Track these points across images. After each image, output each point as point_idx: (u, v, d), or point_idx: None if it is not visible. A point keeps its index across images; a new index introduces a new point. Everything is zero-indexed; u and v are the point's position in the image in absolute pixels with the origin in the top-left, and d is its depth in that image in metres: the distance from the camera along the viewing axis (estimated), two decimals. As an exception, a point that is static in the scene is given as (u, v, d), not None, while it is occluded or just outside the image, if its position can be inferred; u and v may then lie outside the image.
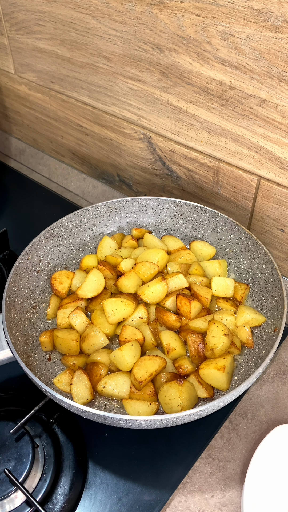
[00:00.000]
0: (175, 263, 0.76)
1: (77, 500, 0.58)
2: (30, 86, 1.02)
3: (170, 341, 0.66)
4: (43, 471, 0.58)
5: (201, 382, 0.63)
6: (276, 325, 0.64)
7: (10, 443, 0.59)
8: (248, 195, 0.76)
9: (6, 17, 0.94)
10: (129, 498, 0.58)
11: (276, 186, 0.70)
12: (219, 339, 0.64)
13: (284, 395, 0.69)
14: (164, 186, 0.90)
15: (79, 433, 0.64)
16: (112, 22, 0.75)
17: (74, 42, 0.84)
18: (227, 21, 0.61)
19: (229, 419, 0.66)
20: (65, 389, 0.64)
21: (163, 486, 0.59)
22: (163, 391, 0.61)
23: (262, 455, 0.58)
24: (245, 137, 0.69)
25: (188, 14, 0.64)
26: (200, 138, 0.76)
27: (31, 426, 0.62)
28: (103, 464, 0.62)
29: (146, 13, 0.69)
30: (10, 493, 0.55)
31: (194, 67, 0.68)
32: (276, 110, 0.63)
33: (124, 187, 0.99)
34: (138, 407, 0.60)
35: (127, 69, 0.78)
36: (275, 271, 0.69)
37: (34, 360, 0.66)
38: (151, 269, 0.73)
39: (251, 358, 0.66)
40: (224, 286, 0.72)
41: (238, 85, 0.65)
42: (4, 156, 1.25)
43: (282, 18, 0.56)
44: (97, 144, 0.97)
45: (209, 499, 0.59)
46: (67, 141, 1.05)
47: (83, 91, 0.90)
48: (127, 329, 0.67)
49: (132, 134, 0.87)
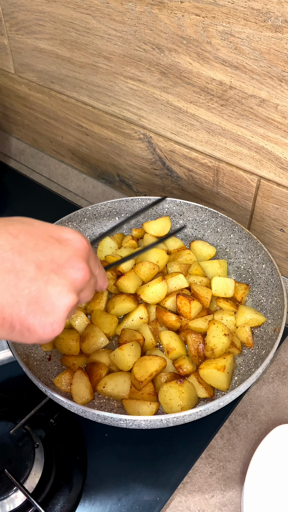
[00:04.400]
0: (175, 263, 0.76)
1: (77, 500, 0.58)
2: (30, 86, 1.02)
3: (170, 341, 0.66)
4: (43, 471, 0.58)
5: (201, 382, 0.62)
6: (276, 325, 0.64)
7: (10, 443, 0.59)
8: (248, 195, 0.76)
9: (6, 17, 0.94)
10: (129, 498, 0.58)
11: (276, 186, 0.70)
12: (219, 339, 0.64)
13: (284, 395, 0.69)
14: (164, 186, 0.90)
15: (79, 433, 0.64)
16: (112, 22, 0.75)
17: (74, 42, 0.84)
18: (227, 21, 0.61)
19: (229, 419, 0.66)
20: (65, 389, 0.64)
21: (163, 486, 0.59)
22: (163, 391, 0.61)
23: (262, 455, 0.58)
24: (245, 137, 0.69)
25: (188, 14, 0.64)
26: (200, 138, 0.76)
27: (31, 426, 0.62)
28: (103, 464, 0.62)
29: (146, 13, 0.69)
30: (10, 493, 0.55)
31: (194, 67, 0.68)
32: (276, 110, 0.63)
33: (124, 187, 0.99)
34: (138, 407, 0.60)
35: (127, 69, 0.78)
36: (275, 271, 0.69)
37: (34, 360, 0.66)
38: (151, 269, 0.73)
39: (251, 358, 0.66)
40: (224, 286, 0.72)
41: (238, 85, 0.65)
42: (4, 156, 1.25)
43: (282, 18, 0.56)
44: (97, 144, 0.97)
45: (209, 499, 0.59)
46: (67, 141, 1.05)
47: (83, 91, 0.90)
48: (126, 332, 0.67)
49: (132, 134, 0.87)
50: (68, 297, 0.39)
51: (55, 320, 0.39)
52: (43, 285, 0.38)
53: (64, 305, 0.39)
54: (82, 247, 0.42)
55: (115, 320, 0.70)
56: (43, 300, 0.38)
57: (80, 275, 0.41)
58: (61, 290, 0.39)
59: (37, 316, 0.38)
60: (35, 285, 0.38)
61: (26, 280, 0.37)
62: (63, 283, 0.39)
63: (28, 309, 0.37)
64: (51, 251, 0.40)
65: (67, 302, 0.39)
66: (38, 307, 0.38)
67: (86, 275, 0.41)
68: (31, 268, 0.38)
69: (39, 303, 0.38)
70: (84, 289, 0.43)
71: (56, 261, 0.40)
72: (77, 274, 0.41)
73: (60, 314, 0.39)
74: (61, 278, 0.39)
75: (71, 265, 0.40)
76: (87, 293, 0.44)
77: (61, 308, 0.39)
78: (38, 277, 0.38)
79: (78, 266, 0.41)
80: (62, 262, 0.40)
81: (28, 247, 0.39)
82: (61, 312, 0.39)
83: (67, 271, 0.40)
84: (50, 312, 0.38)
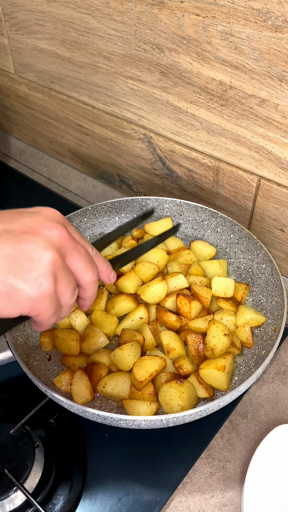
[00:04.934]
0: (175, 263, 0.76)
1: (77, 500, 0.58)
2: (30, 86, 1.02)
3: (170, 341, 0.66)
4: (43, 471, 0.58)
5: (201, 382, 0.62)
6: (276, 325, 0.64)
7: (10, 443, 0.59)
8: (248, 195, 0.76)
9: (6, 17, 0.94)
10: (129, 498, 0.58)
11: (276, 186, 0.70)
12: (219, 339, 0.64)
13: (284, 395, 0.69)
14: (164, 186, 0.90)
15: (79, 433, 0.64)
16: (112, 22, 0.75)
17: (74, 42, 0.84)
18: (227, 21, 0.61)
19: (229, 419, 0.66)
20: (65, 389, 0.64)
21: (163, 486, 0.59)
22: (163, 391, 0.61)
23: (262, 455, 0.58)
24: (245, 137, 0.69)
25: (188, 14, 0.64)
26: (200, 138, 0.76)
27: (31, 426, 0.62)
28: (103, 464, 0.62)
29: (146, 13, 0.69)
30: (10, 493, 0.55)
31: (194, 67, 0.68)
32: (276, 110, 0.63)
33: (124, 187, 0.99)
34: (138, 407, 0.60)
35: (127, 69, 0.78)
36: (275, 271, 0.69)
37: (34, 360, 0.66)
38: (151, 269, 0.73)
39: (251, 358, 0.66)
40: (224, 286, 0.72)
41: (238, 85, 0.65)
42: (4, 156, 1.25)
43: (282, 18, 0.56)
44: (97, 144, 0.97)
45: (209, 499, 0.59)
46: (67, 141, 1.05)
47: (83, 91, 0.90)
48: (126, 332, 0.67)
49: (132, 134, 0.87)
50: (46, 251, 0.37)
51: (40, 274, 0.37)
52: (16, 244, 0.37)
53: (44, 259, 0.37)
54: (54, 213, 0.41)
55: (115, 320, 0.70)
56: (20, 258, 0.36)
57: (56, 232, 0.39)
58: (37, 245, 0.37)
59: (18, 273, 0.36)
60: (8, 245, 0.36)
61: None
62: (38, 240, 0.38)
63: (7, 269, 0.36)
64: (20, 220, 0.39)
65: (46, 256, 0.37)
66: (16, 265, 0.36)
67: (63, 233, 0.39)
68: (1, 234, 0.37)
69: (16, 261, 0.36)
70: (69, 252, 0.40)
71: (27, 225, 0.38)
72: (52, 231, 0.39)
73: (43, 268, 0.37)
74: (35, 236, 0.38)
75: (44, 226, 0.39)
76: (76, 259, 0.41)
77: (42, 262, 0.37)
78: (9, 238, 0.37)
79: (50, 225, 0.39)
80: (34, 225, 0.38)
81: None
82: (44, 267, 0.37)
83: (40, 231, 0.38)
84: (31, 268, 0.36)
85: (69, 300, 0.41)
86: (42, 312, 0.39)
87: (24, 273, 0.36)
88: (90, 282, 0.43)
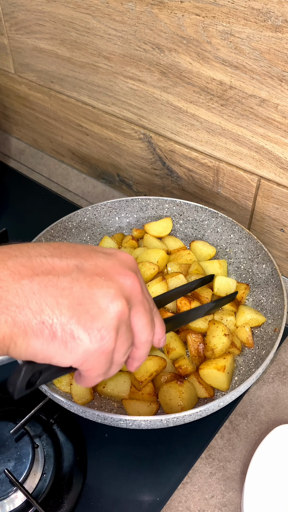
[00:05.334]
0: (175, 263, 0.76)
1: (77, 500, 0.58)
2: (30, 86, 1.02)
3: (170, 341, 0.66)
4: (43, 471, 0.58)
5: (201, 382, 0.62)
6: (276, 325, 0.64)
7: (10, 443, 0.59)
8: (248, 195, 0.76)
9: (6, 17, 0.94)
10: (129, 498, 0.58)
11: (276, 186, 0.70)
12: (219, 339, 0.64)
13: (284, 395, 0.69)
14: (164, 186, 0.90)
15: (79, 433, 0.64)
16: (112, 22, 0.75)
17: (74, 42, 0.84)
18: (227, 21, 0.61)
19: (229, 419, 0.66)
20: (65, 389, 0.63)
21: (163, 486, 0.59)
22: (163, 391, 0.61)
23: (262, 455, 0.58)
24: (245, 137, 0.69)
25: (188, 14, 0.64)
26: (200, 138, 0.76)
27: (31, 426, 0.62)
28: (103, 464, 0.61)
29: (146, 13, 0.69)
30: (10, 493, 0.55)
31: (194, 67, 0.68)
32: (276, 110, 0.63)
33: (124, 187, 0.99)
34: (138, 407, 0.60)
35: (127, 69, 0.78)
36: (275, 271, 0.69)
37: (34, 360, 0.66)
38: (151, 269, 0.73)
39: (251, 358, 0.66)
40: (226, 286, 0.72)
41: (238, 85, 0.65)
42: (4, 156, 1.25)
43: (282, 18, 0.56)
44: (97, 144, 0.97)
45: (209, 499, 0.58)
46: (67, 141, 1.05)
47: (83, 91, 0.90)
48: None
49: (132, 134, 0.87)
50: (117, 300, 0.34)
51: (103, 326, 0.33)
52: (86, 286, 0.33)
53: (112, 310, 0.33)
54: (129, 259, 0.38)
55: (115, 320, 0.70)
56: (87, 302, 0.33)
57: (129, 281, 0.35)
58: (107, 292, 0.34)
59: (82, 319, 0.32)
60: (78, 285, 0.33)
61: (67, 280, 0.33)
62: (110, 285, 0.34)
63: (70, 312, 0.32)
64: (95, 259, 0.35)
65: (115, 306, 0.33)
66: (82, 310, 0.32)
67: (136, 283, 0.36)
68: (73, 270, 0.33)
69: (83, 305, 0.33)
70: (136, 306, 0.36)
71: (101, 266, 0.35)
72: (125, 279, 0.35)
73: (108, 319, 0.33)
74: (107, 280, 0.34)
75: (118, 271, 0.35)
76: (140, 315, 0.37)
77: (109, 313, 0.33)
78: (81, 278, 0.33)
79: (125, 272, 0.36)
80: (107, 268, 0.35)
81: (70, 254, 0.35)
82: (110, 318, 0.33)
83: (113, 276, 0.35)
84: (96, 316, 0.33)
85: (121, 358, 0.37)
86: (94, 368, 0.35)
87: (87, 320, 0.33)
88: (145, 342, 0.39)
